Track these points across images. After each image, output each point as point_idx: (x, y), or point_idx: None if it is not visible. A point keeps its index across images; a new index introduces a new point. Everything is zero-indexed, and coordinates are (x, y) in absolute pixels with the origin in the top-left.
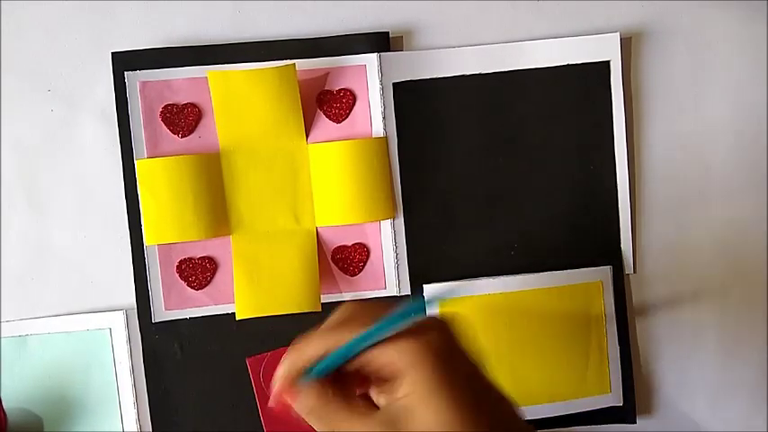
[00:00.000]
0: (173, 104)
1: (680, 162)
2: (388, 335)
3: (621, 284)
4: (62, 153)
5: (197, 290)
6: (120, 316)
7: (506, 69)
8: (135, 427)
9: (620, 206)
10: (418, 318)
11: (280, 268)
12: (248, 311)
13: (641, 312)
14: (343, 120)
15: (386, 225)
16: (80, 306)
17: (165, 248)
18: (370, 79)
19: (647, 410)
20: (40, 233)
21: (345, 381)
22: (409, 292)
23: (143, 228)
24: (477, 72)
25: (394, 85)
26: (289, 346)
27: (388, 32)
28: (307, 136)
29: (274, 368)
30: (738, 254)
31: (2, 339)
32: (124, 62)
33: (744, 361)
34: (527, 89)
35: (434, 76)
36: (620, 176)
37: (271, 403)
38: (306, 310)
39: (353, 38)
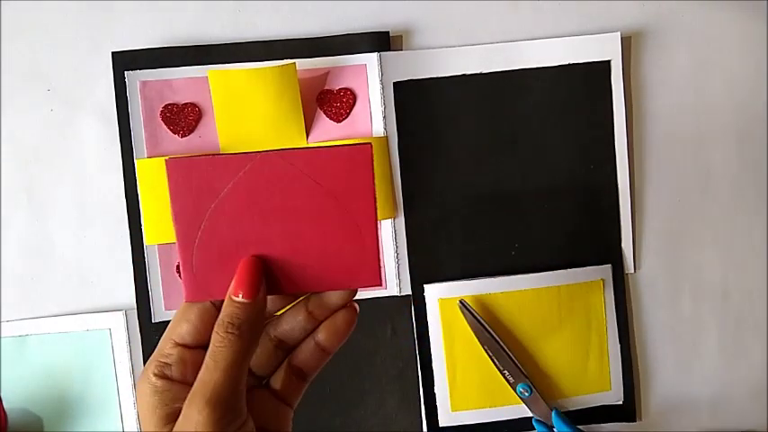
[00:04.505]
0: (173, 104)
1: (680, 162)
2: None
3: (622, 283)
4: (62, 153)
5: None
6: (120, 316)
7: (506, 69)
8: (135, 427)
9: (620, 205)
10: None
11: None
12: None
13: (641, 311)
14: (344, 119)
15: (386, 225)
16: (80, 306)
17: (165, 248)
18: (370, 79)
19: (647, 409)
20: (40, 233)
21: None
22: (410, 292)
23: (143, 228)
24: (477, 72)
25: (394, 84)
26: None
27: (388, 32)
28: (307, 135)
29: (197, 176)
30: (738, 253)
31: (2, 339)
32: (124, 62)
33: (744, 361)
34: (527, 89)
35: (434, 76)
36: (621, 176)
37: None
38: None
39: (354, 37)
